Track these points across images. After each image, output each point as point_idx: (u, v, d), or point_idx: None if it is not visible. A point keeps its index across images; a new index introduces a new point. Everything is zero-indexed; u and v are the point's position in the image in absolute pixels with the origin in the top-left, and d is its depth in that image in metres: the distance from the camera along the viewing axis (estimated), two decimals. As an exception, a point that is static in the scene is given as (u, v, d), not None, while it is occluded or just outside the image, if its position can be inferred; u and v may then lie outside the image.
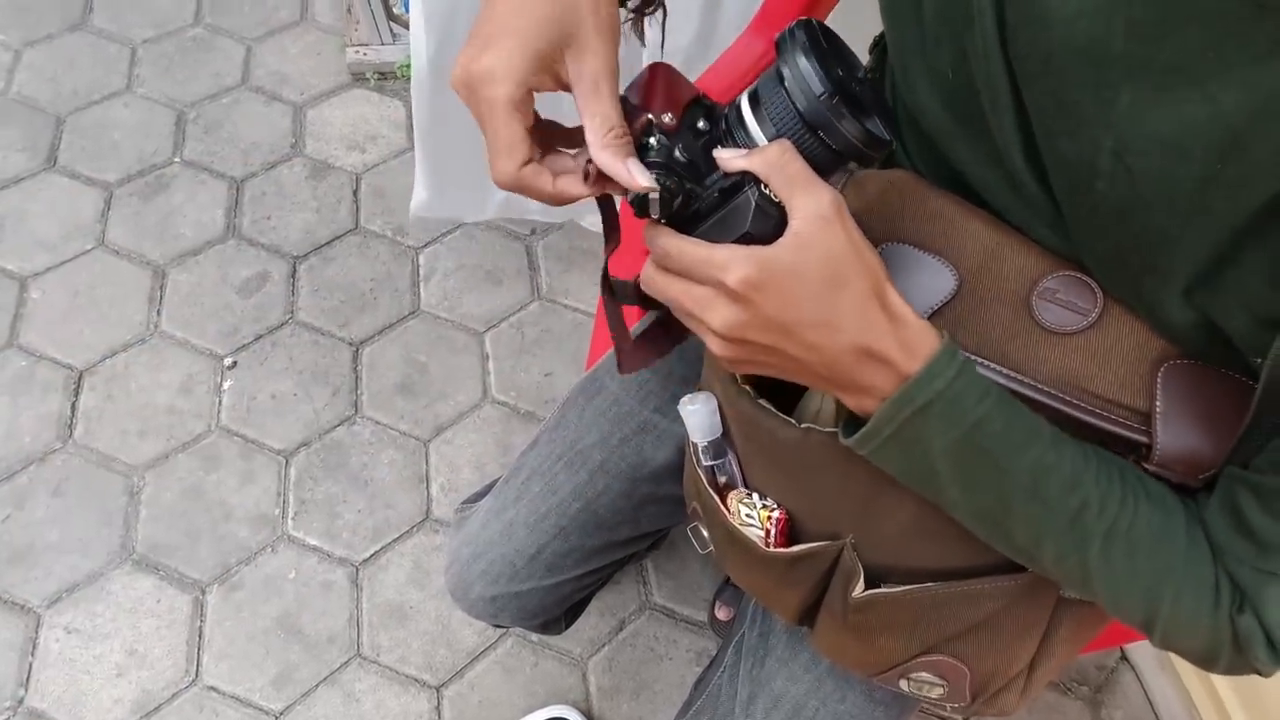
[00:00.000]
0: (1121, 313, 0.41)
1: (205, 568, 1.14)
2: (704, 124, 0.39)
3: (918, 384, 0.35)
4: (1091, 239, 0.39)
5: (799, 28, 0.36)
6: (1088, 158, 0.36)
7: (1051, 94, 0.37)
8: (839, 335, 0.35)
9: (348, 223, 1.44)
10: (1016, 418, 0.37)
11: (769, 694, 0.61)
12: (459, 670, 1.10)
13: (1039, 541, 0.39)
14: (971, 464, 0.38)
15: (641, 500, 0.65)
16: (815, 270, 0.34)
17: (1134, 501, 0.38)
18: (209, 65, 1.58)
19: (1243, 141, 0.31)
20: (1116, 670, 1.16)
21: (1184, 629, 0.38)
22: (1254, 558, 0.35)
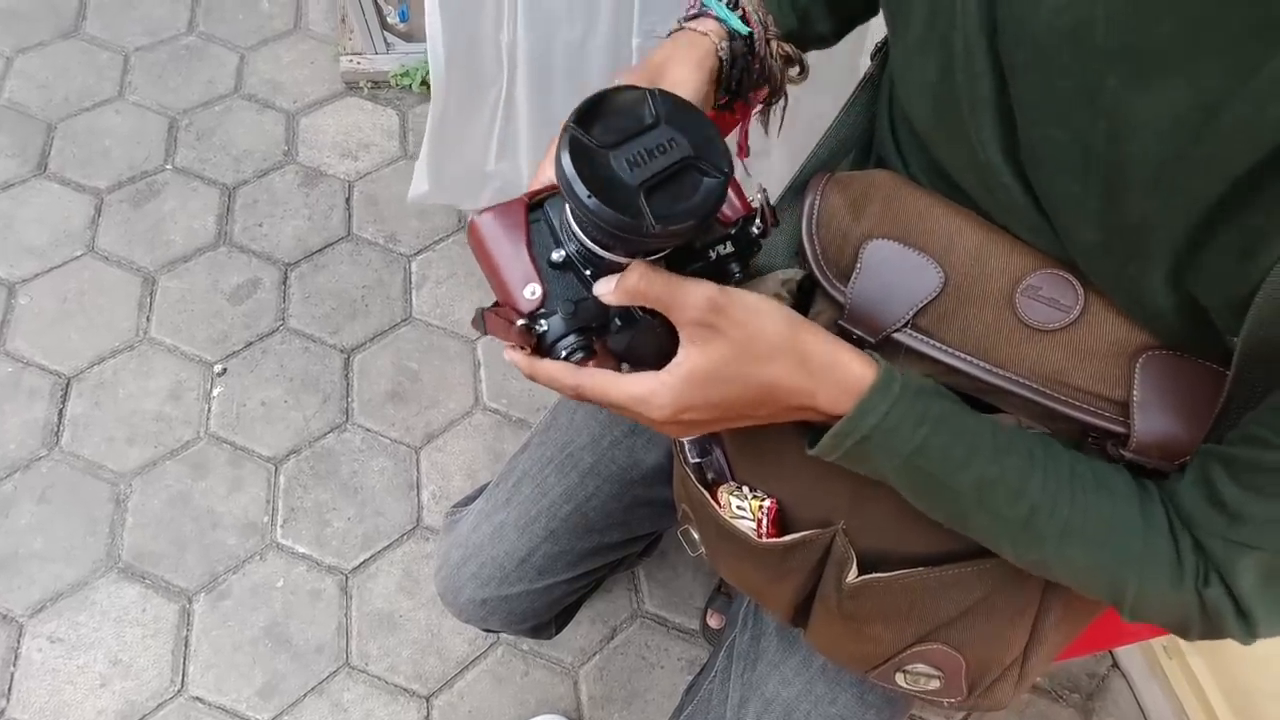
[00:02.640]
0: (1102, 308, 0.42)
1: (192, 576, 1.13)
2: (560, 257, 0.39)
3: (851, 422, 0.38)
4: (1076, 230, 0.40)
5: (573, 118, 0.35)
6: (1082, 142, 0.37)
7: (1041, 84, 0.38)
8: (768, 406, 0.39)
9: (340, 230, 1.44)
10: (956, 439, 0.39)
11: (760, 697, 0.61)
12: (449, 679, 1.09)
13: (998, 545, 0.41)
14: (918, 484, 0.40)
15: (632, 503, 0.65)
16: (722, 373, 0.37)
17: (1084, 496, 0.39)
18: (202, 73, 1.59)
19: (1216, 121, 0.32)
20: (1108, 678, 1.16)
21: (1152, 607, 0.39)
22: (1225, 528, 0.36)
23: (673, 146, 0.36)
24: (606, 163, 0.35)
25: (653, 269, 0.36)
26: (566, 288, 0.39)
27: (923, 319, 0.45)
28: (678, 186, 0.36)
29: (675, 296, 0.36)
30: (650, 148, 0.35)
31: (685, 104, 0.37)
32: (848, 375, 0.38)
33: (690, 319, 0.37)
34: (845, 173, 0.52)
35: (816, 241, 0.49)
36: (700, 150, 0.36)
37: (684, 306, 0.37)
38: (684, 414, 0.38)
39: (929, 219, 0.46)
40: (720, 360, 0.37)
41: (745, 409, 0.39)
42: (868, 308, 0.46)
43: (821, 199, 0.50)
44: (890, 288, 0.46)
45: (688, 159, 0.36)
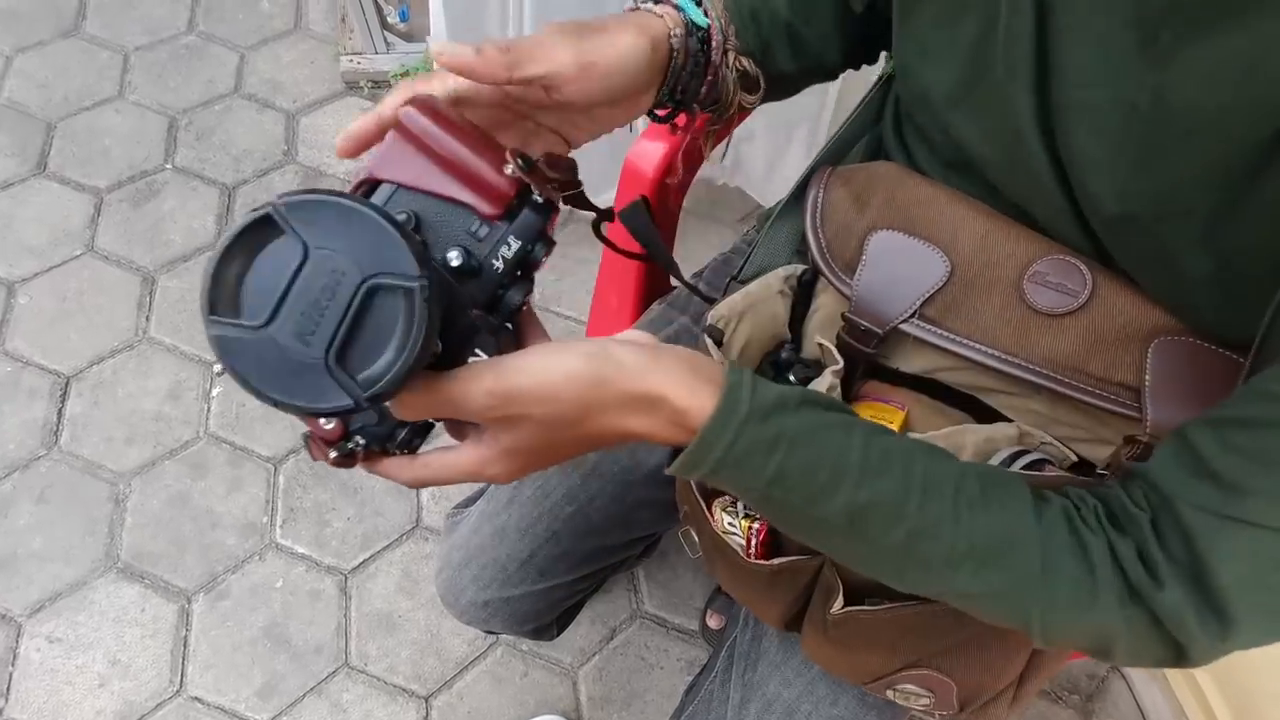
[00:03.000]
0: (1111, 292, 0.42)
1: (191, 576, 1.13)
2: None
3: (694, 454, 0.33)
4: (1101, 196, 0.39)
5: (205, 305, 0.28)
6: (1126, 102, 0.36)
7: (1090, 41, 0.37)
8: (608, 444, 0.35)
9: (340, 230, 1.44)
10: (818, 462, 0.34)
11: (761, 698, 0.61)
12: (448, 680, 1.09)
13: (883, 576, 0.37)
14: (783, 515, 0.36)
15: (634, 504, 0.64)
16: (539, 443, 0.34)
17: (971, 516, 0.34)
18: (202, 72, 1.58)
19: (1266, 65, 0.31)
20: (1107, 679, 1.17)
21: (1064, 629, 0.35)
22: (1220, 503, 0.31)
23: (339, 278, 0.28)
24: (273, 347, 0.28)
25: (422, 389, 0.32)
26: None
27: (929, 309, 0.45)
28: (372, 321, 0.28)
29: (454, 406, 0.32)
30: (314, 299, 0.28)
31: (320, 199, 0.28)
32: (684, 408, 0.33)
33: (480, 418, 0.33)
34: (848, 166, 0.52)
35: (821, 235, 0.49)
36: (374, 260, 0.28)
37: (468, 412, 0.32)
38: (521, 472, 0.36)
39: (933, 209, 0.46)
40: (531, 437, 0.33)
41: (580, 448, 0.36)
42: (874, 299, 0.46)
43: (825, 192, 0.50)
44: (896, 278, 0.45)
45: (364, 283, 0.28)
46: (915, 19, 0.46)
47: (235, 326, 0.28)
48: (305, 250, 0.28)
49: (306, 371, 0.28)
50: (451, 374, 0.32)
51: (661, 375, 0.33)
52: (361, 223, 0.29)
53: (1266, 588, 0.32)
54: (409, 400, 0.32)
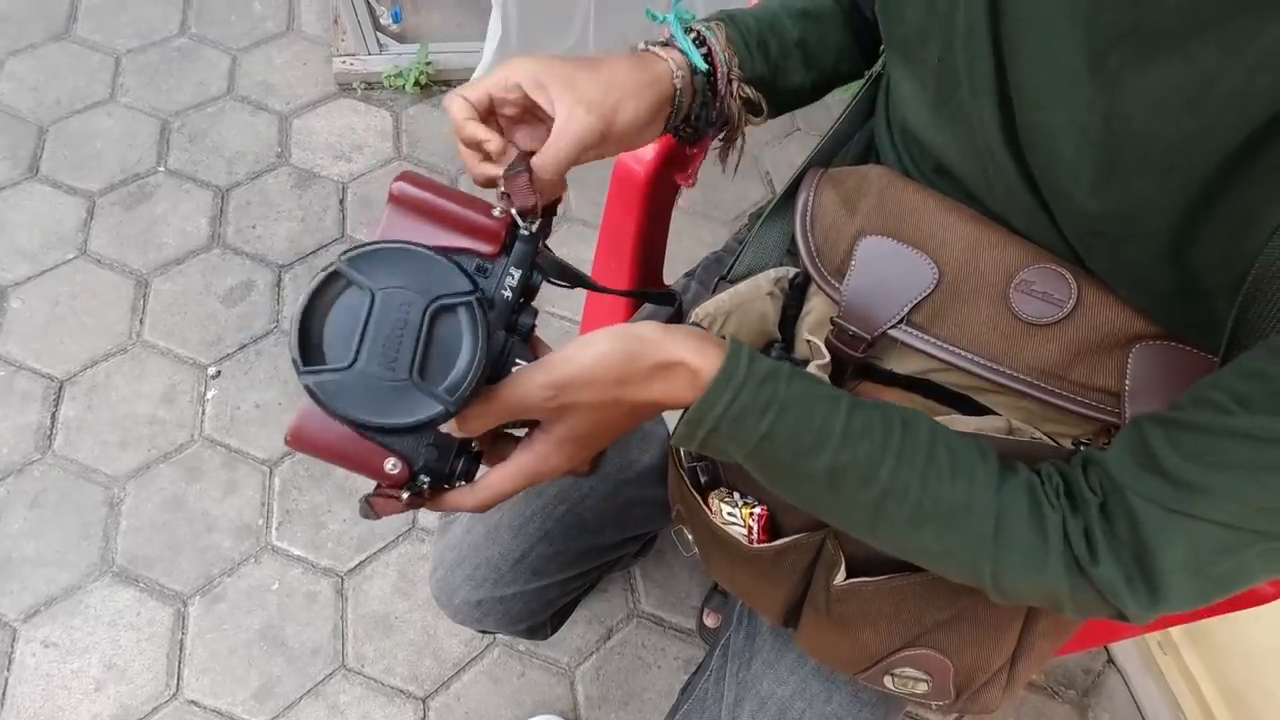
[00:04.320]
0: (1095, 301, 0.42)
1: (187, 579, 1.13)
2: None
3: (698, 411, 0.38)
4: (1072, 213, 0.40)
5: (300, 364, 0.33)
6: (1079, 123, 0.37)
7: (1043, 64, 0.38)
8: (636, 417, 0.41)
9: (333, 232, 1.43)
10: (804, 425, 0.39)
11: (755, 696, 0.61)
12: (445, 681, 1.09)
13: (858, 527, 0.41)
14: (771, 471, 0.41)
15: (626, 503, 0.64)
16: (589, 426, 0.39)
17: (937, 482, 0.38)
18: (194, 75, 1.58)
19: (1210, 94, 0.33)
20: (1103, 674, 1.17)
21: (1014, 589, 0.39)
22: (1167, 497, 0.35)
23: (406, 309, 0.33)
24: (363, 380, 0.32)
25: (482, 403, 0.37)
26: (414, 440, 0.38)
27: (917, 315, 0.45)
28: (440, 340, 0.33)
29: (515, 408, 0.37)
30: (389, 331, 0.33)
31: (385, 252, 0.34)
32: (698, 367, 0.39)
33: (540, 412, 0.38)
34: (838, 169, 0.52)
35: (811, 238, 0.49)
36: (431, 286, 0.33)
37: (528, 409, 0.38)
38: (576, 459, 0.41)
39: (922, 215, 0.46)
40: (583, 421, 0.39)
41: (618, 429, 0.41)
42: (863, 304, 0.46)
43: (815, 195, 0.50)
44: (885, 284, 0.46)
45: (428, 307, 0.33)
46: (894, 36, 0.48)
47: (327, 371, 0.32)
48: (372, 294, 0.33)
49: (397, 393, 0.32)
50: (506, 381, 0.37)
51: (678, 344, 0.39)
52: (414, 259, 0.34)
53: (1199, 572, 0.35)
54: (477, 412, 0.36)
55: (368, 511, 0.39)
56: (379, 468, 0.37)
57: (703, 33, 0.51)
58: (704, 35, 0.50)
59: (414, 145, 1.54)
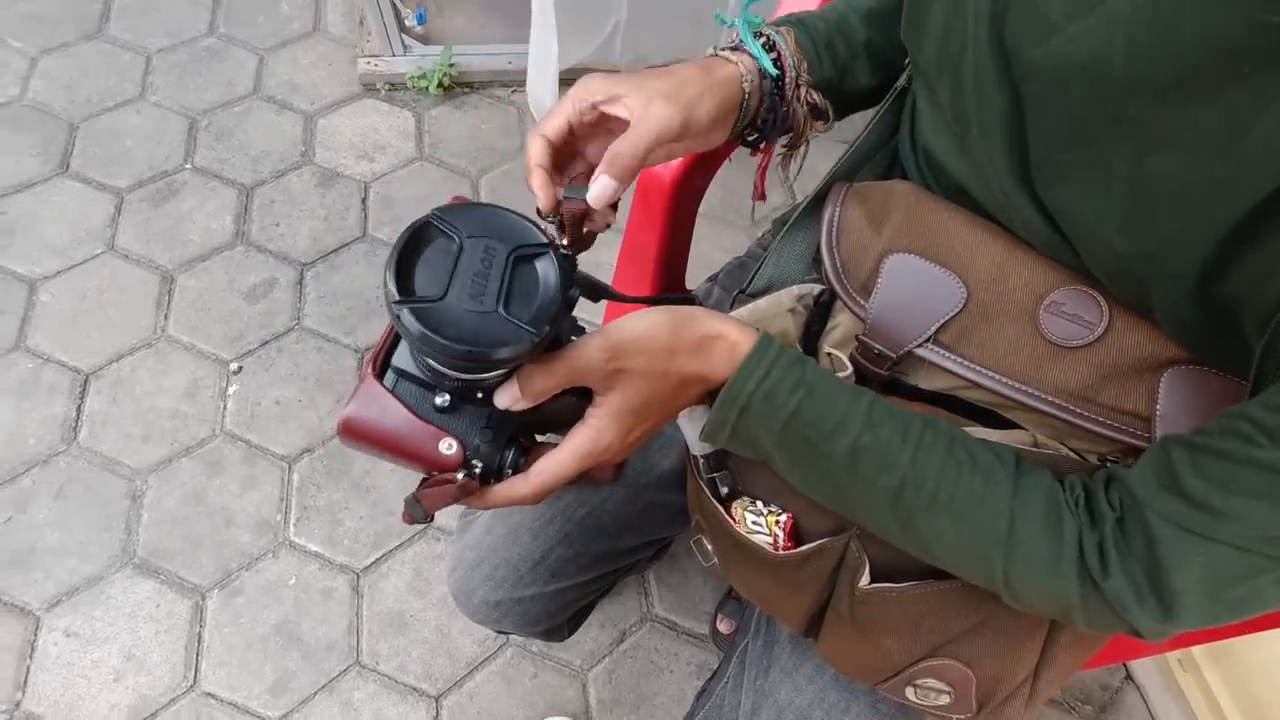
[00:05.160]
0: (1127, 325, 0.42)
1: (206, 573, 1.14)
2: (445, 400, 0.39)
3: (732, 388, 0.40)
4: (1096, 251, 0.40)
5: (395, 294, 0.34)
6: (1106, 163, 0.37)
7: (1061, 109, 0.38)
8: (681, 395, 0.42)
9: (355, 231, 1.45)
10: (830, 405, 0.40)
11: (773, 705, 0.61)
12: (458, 680, 1.09)
13: (879, 517, 0.42)
14: (797, 451, 0.41)
15: (646, 506, 0.65)
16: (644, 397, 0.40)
17: (955, 476, 0.39)
18: (221, 74, 1.60)
19: (1241, 144, 0.32)
20: (1121, 690, 1.15)
21: (1025, 591, 0.39)
22: (1185, 517, 0.35)
23: (491, 254, 0.36)
24: (456, 310, 0.34)
25: (546, 365, 0.37)
26: (468, 420, 0.39)
27: (944, 335, 0.45)
28: (520, 284, 0.36)
29: (576, 370, 0.38)
30: (476, 271, 0.36)
31: (471, 207, 0.37)
32: (732, 347, 0.41)
33: (597, 376, 0.39)
34: (864, 183, 0.52)
35: (837, 254, 0.49)
36: (514, 237, 0.37)
37: (586, 374, 0.38)
38: (628, 438, 0.41)
39: (950, 233, 0.46)
40: (638, 390, 0.40)
41: (668, 406, 0.42)
42: (889, 322, 0.46)
43: (841, 210, 0.50)
44: (912, 302, 0.46)
45: (510, 254, 0.36)
46: (917, 63, 0.48)
47: (421, 301, 0.34)
48: (460, 240, 0.36)
49: (485, 322, 0.35)
50: (568, 346, 0.39)
51: (719, 321, 0.41)
52: (496, 215, 0.38)
53: (1213, 594, 0.35)
54: (540, 371, 0.37)
55: (415, 509, 0.39)
56: (433, 451, 0.38)
57: (772, 37, 0.51)
58: (773, 40, 0.50)
59: (436, 146, 1.56)
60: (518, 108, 1.62)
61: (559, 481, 0.40)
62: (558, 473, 0.40)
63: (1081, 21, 0.36)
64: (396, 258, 0.35)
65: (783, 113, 0.51)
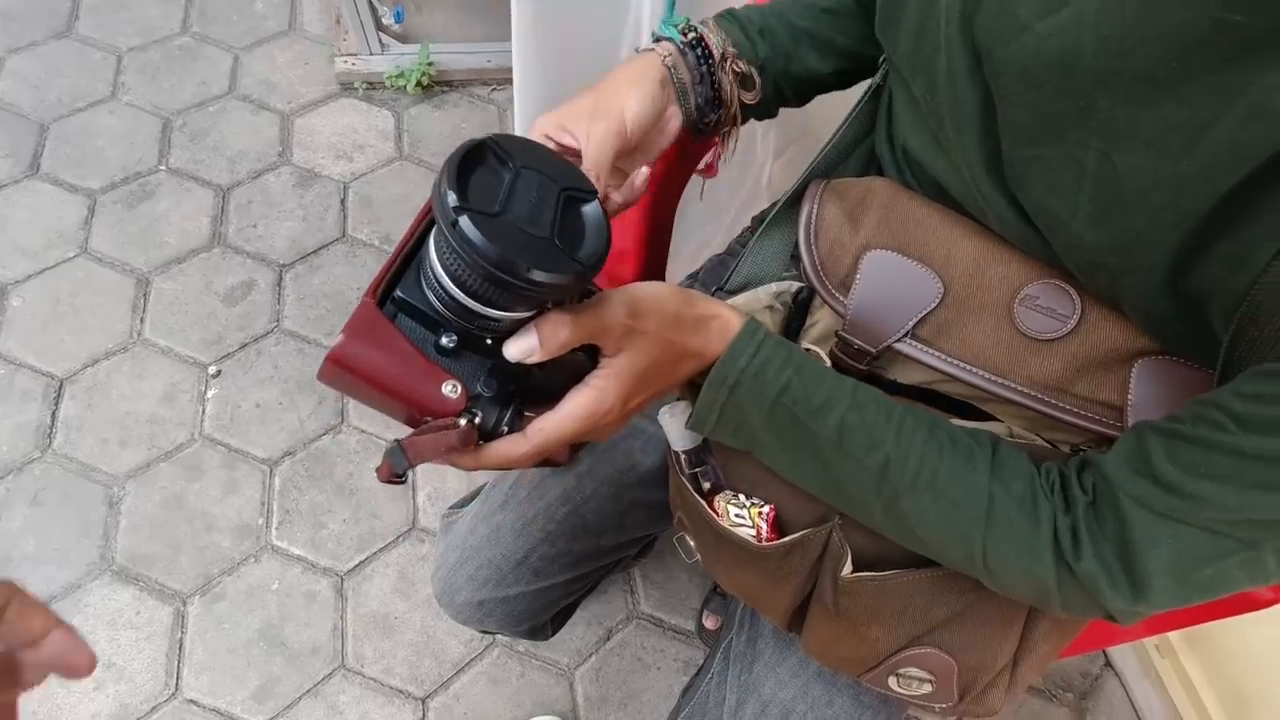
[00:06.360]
0: (1099, 317, 0.43)
1: (186, 579, 1.13)
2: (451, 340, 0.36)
3: (726, 362, 0.41)
4: (1069, 245, 0.41)
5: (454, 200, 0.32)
6: (1076, 158, 0.37)
7: (1032, 105, 0.38)
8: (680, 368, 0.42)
9: (334, 231, 1.43)
10: (818, 384, 0.41)
11: (757, 699, 0.61)
12: (445, 681, 1.09)
13: (864, 498, 0.42)
14: (785, 429, 0.42)
15: (629, 505, 0.65)
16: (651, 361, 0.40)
17: (936, 456, 0.40)
18: (196, 74, 1.58)
19: (1205, 138, 0.33)
20: (1101, 677, 1.17)
21: (1003, 573, 0.40)
22: (1157, 500, 0.36)
23: (544, 188, 0.35)
24: (511, 227, 0.33)
25: (569, 315, 0.36)
26: (472, 367, 0.36)
27: (923, 329, 0.46)
28: (569, 222, 0.35)
29: (601, 326, 0.37)
30: (531, 198, 0.34)
31: (524, 141, 0.36)
32: (725, 326, 0.42)
33: (613, 333, 0.38)
34: (842, 180, 0.52)
35: (815, 251, 0.49)
36: (566, 179, 0.36)
37: (609, 329, 0.38)
38: (629, 404, 0.40)
39: (927, 229, 0.47)
40: (646, 353, 0.39)
41: (665, 379, 0.42)
42: (868, 318, 0.47)
43: (819, 207, 0.50)
44: (890, 298, 0.46)
45: (562, 192, 0.35)
46: (892, 59, 0.48)
47: (479, 212, 0.32)
48: (516, 168, 0.35)
49: (539, 246, 0.33)
50: (589, 300, 0.38)
51: (715, 302, 0.43)
52: (548, 153, 0.37)
53: (1182, 576, 0.36)
54: (569, 322, 0.36)
55: (398, 458, 0.35)
56: (434, 392, 0.35)
57: (697, 27, 0.53)
58: (696, 27, 0.53)
59: (415, 145, 1.55)
60: (498, 106, 1.61)
61: (557, 443, 0.39)
62: (557, 434, 0.38)
63: (1051, 20, 0.36)
64: (455, 168, 0.33)
65: (714, 88, 0.53)
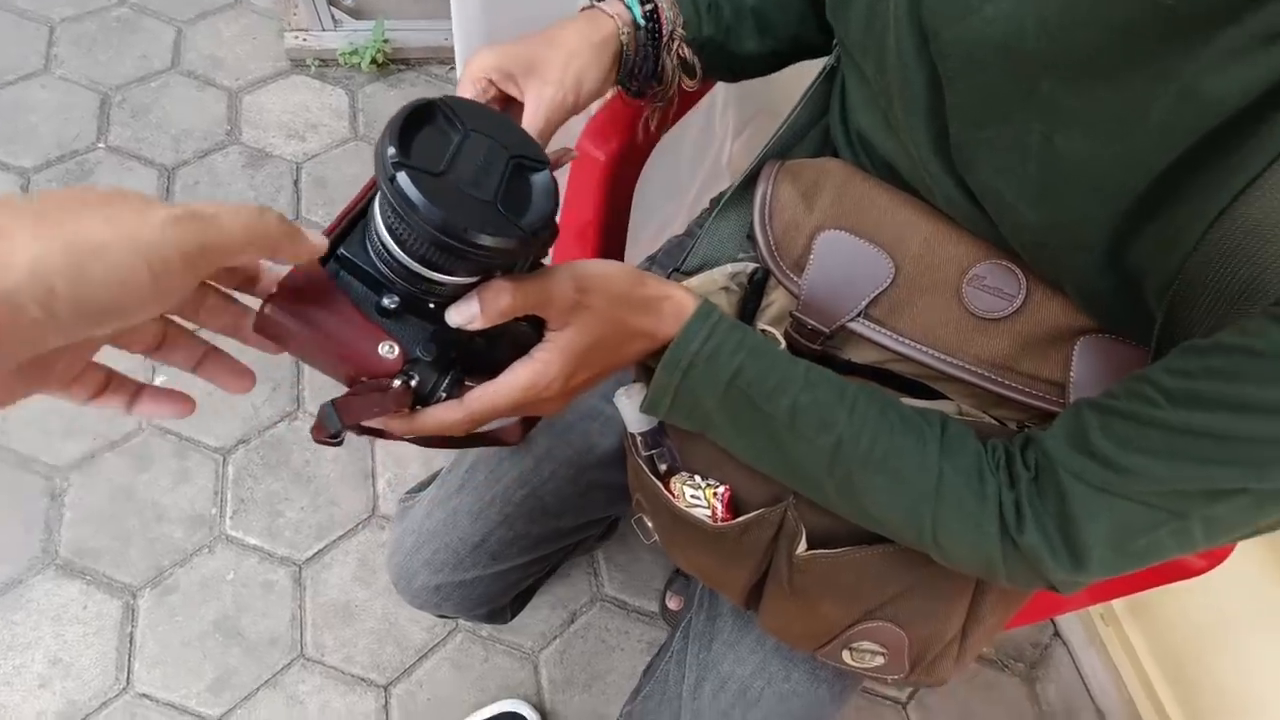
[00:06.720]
0: (1043, 296, 0.44)
1: (136, 571, 1.09)
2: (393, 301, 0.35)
3: (679, 345, 0.40)
4: (1014, 225, 0.41)
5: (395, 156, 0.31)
6: (1020, 140, 0.38)
7: (978, 87, 0.39)
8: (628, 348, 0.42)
9: (288, 213, 1.39)
10: (771, 367, 0.41)
11: (716, 676, 0.62)
12: (407, 668, 1.08)
13: (817, 477, 0.42)
14: (739, 411, 0.42)
15: (587, 487, 0.64)
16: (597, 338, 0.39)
17: (887, 435, 0.41)
18: (135, 47, 1.51)
19: (1140, 121, 0.34)
20: (1050, 647, 1.21)
21: (952, 548, 0.41)
22: (1094, 475, 0.37)
23: (493, 153, 0.34)
24: (455, 189, 0.32)
25: (515, 282, 0.35)
26: (413, 330, 0.36)
27: (875, 309, 0.46)
28: (516, 189, 0.34)
29: (545, 297, 0.36)
30: (477, 162, 0.34)
31: (475, 104, 0.36)
32: (678, 308, 0.41)
33: (559, 307, 0.37)
34: (796, 161, 0.52)
35: (770, 232, 0.49)
36: (516, 146, 0.35)
37: (554, 301, 0.37)
38: (571, 381, 0.40)
39: (880, 209, 0.47)
40: (592, 330, 0.39)
41: (612, 358, 0.41)
42: (822, 298, 0.47)
43: (773, 188, 0.50)
44: (843, 278, 0.47)
45: (513, 158, 0.35)
46: (844, 41, 0.48)
47: (422, 171, 0.31)
48: (465, 130, 0.34)
49: (480, 209, 0.32)
50: (538, 271, 0.37)
51: (669, 284, 0.42)
52: (501, 119, 0.36)
53: (1118, 546, 0.37)
54: (513, 289, 0.35)
55: (331, 419, 0.34)
56: (370, 352, 0.34)
57: None
58: None
59: (371, 125, 1.51)
60: (455, 86, 1.58)
61: (494, 413, 0.38)
62: (495, 404, 0.37)
63: (996, 3, 0.37)
64: (400, 124, 0.32)
65: (656, 66, 0.52)
